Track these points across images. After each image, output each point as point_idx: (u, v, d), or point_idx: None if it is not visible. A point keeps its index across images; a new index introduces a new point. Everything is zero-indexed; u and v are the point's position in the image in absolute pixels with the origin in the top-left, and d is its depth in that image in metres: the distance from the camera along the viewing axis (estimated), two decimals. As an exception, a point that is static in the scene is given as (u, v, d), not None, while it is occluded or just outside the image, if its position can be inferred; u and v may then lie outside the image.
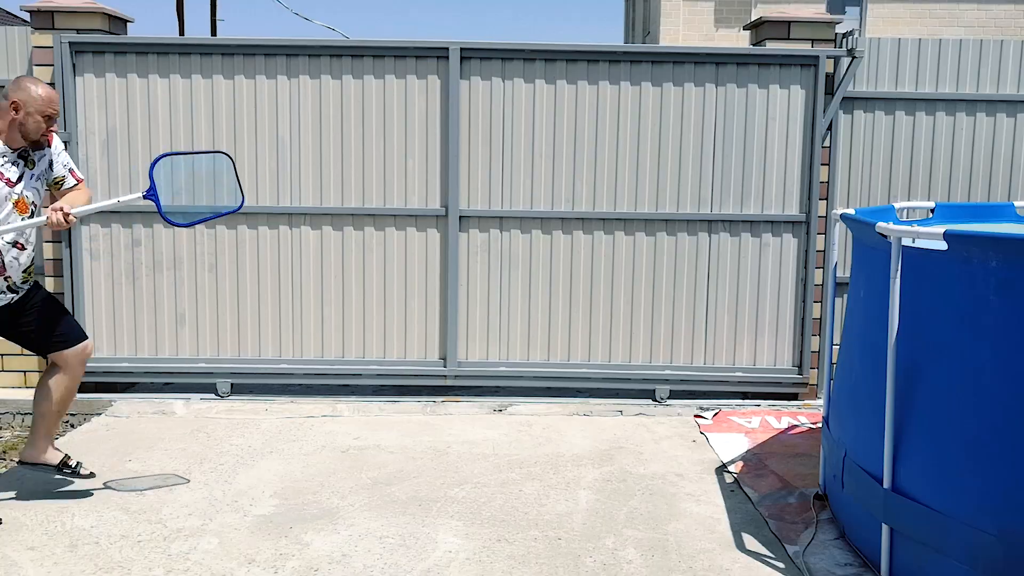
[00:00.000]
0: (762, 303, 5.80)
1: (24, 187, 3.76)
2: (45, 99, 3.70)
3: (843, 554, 3.65)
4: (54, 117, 3.74)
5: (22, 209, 3.75)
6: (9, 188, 3.70)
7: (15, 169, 3.74)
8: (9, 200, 3.70)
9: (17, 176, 3.74)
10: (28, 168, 3.79)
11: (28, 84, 3.71)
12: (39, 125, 3.71)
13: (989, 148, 5.83)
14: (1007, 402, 2.94)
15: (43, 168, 3.87)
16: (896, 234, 3.23)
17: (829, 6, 15.59)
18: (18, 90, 3.69)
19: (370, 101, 5.65)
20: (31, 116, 3.68)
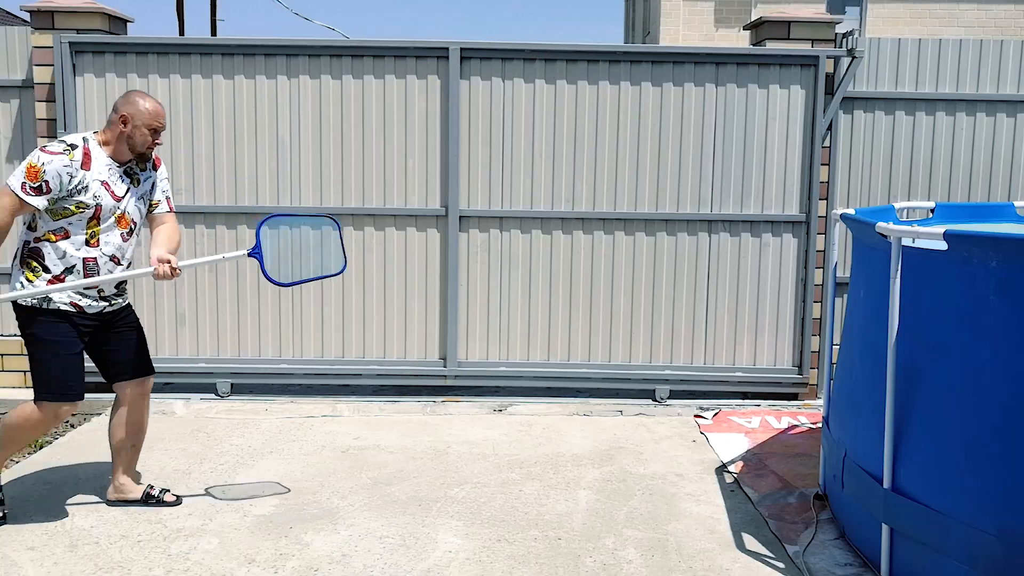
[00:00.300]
0: (762, 303, 5.80)
1: (127, 204, 3.77)
2: (152, 112, 3.71)
3: (843, 554, 3.65)
4: (160, 130, 3.77)
5: (123, 224, 3.76)
6: (115, 202, 3.72)
7: (122, 185, 3.76)
8: (113, 214, 3.72)
9: (123, 192, 3.76)
10: (133, 185, 3.81)
11: (136, 97, 3.72)
12: (145, 138, 3.73)
13: (989, 148, 5.84)
14: (1007, 402, 2.94)
15: (146, 189, 3.89)
16: (896, 234, 3.23)
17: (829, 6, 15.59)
18: (127, 103, 3.71)
19: (370, 101, 5.65)
20: (138, 129, 3.70)
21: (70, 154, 3.63)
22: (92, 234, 3.69)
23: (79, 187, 3.62)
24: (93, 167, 3.67)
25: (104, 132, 3.76)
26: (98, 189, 3.66)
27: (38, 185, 3.57)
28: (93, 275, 3.71)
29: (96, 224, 3.69)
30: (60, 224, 3.66)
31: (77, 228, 3.67)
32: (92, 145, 3.71)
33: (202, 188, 5.68)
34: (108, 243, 3.74)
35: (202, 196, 5.68)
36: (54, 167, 3.58)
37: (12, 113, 5.71)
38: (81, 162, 3.64)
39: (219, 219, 5.71)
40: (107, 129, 3.75)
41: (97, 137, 3.75)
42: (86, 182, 3.64)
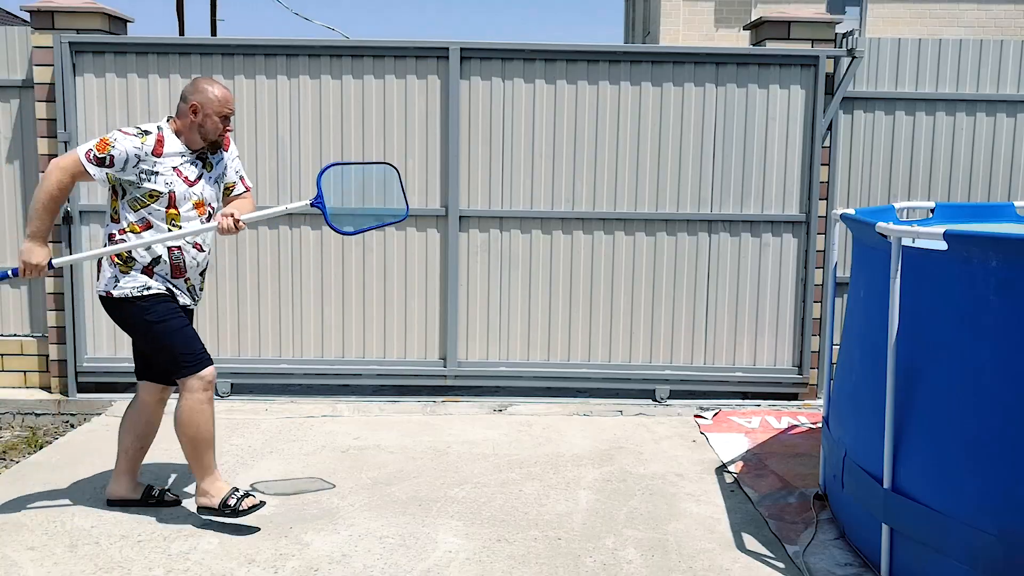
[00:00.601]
0: (762, 303, 5.80)
1: (202, 188, 3.77)
2: (221, 100, 3.70)
3: (843, 554, 3.65)
4: (230, 117, 3.76)
5: (200, 210, 3.76)
6: (188, 187, 3.72)
7: (194, 170, 3.75)
8: (189, 200, 3.72)
9: (196, 176, 3.76)
10: (206, 170, 3.81)
11: (205, 85, 3.72)
12: (216, 126, 3.72)
13: (989, 148, 5.84)
14: (1007, 402, 2.94)
15: (219, 172, 3.88)
16: (896, 234, 3.23)
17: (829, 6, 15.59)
18: (196, 92, 3.70)
19: (370, 101, 5.65)
20: (209, 117, 3.70)
21: (143, 138, 3.64)
22: (172, 221, 3.69)
23: (148, 173, 3.62)
24: (165, 154, 3.66)
25: (175, 121, 3.75)
26: (170, 176, 3.66)
27: (103, 157, 3.59)
28: (178, 265, 3.73)
29: (175, 212, 3.68)
30: (141, 215, 3.67)
31: (157, 218, 3.68)
32: (166, 133, 3.71)
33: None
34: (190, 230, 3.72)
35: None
36: (124, 145, 3.60)
37: (12, 113, 5.71)
38: (152, 148, 3.64)
39: (219, 219, 5.70)
40: (178, 118, 3.74)
41: (171, 125, 3.75)
42: (156, 169, 3.64)
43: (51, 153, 5.58)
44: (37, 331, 5.87)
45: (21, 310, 5.86)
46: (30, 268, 3.62)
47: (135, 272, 3.69)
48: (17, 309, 5.86)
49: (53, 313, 5.70)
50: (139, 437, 4.03)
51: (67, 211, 5.57)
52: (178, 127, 3.75)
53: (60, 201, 3.64)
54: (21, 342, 5.87)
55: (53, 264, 3.66)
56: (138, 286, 3.69)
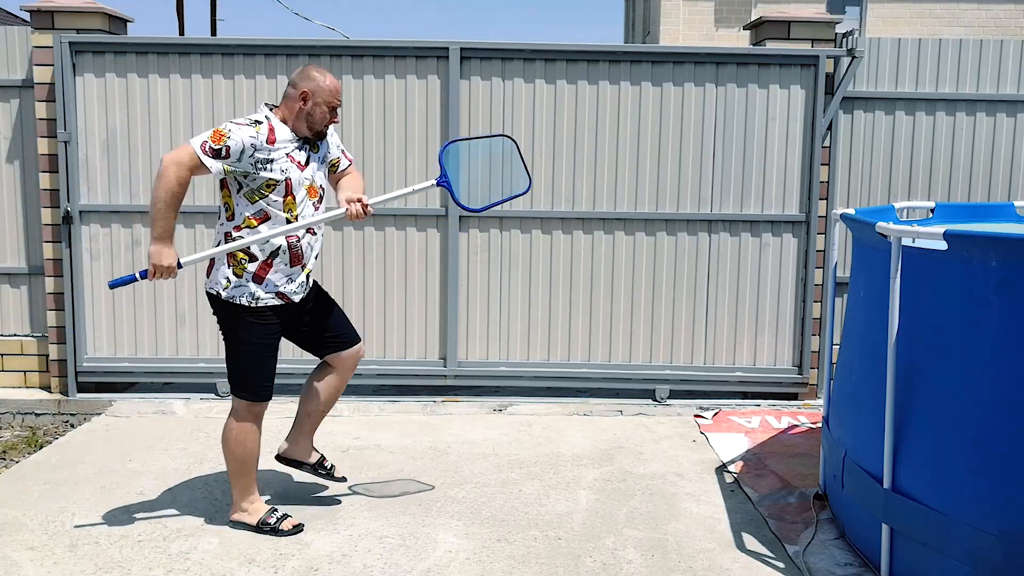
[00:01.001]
0: (762, 303, 5.80)
1: (312, 172, 3.73)
2: (331, 89, 3.65)
3: (843, 554, 3.65)
4: (337, 107, 3.72)
5: (312, 194, 3.71)
6: (301, 172, 3.65)
7: (303, 155, 3.70)
8: (303, 186, 3.66)
9: (305, 161, 3.71)
10: (313, 152, 3.75)
11: (315, 74, 3.66)
12: (325, 115, 3.67)
13: (989, 148, 5.83)
14: (1007, 402, 2.94)
15: (324, 152, 3.82)
16: (896, 234, 3.23)
17: (829, 6, 15.60)
18: (306, 79, 3.65)
19: (370, 101, 5.65)
20: (318, 106, 3.64)
21: (256, 127, 3.57)
22: (288, 209, 3.62)
23: (264, 162, 3.56)
24: (278, 142, 3.61)
25: (281, 108, 3.69)
26: (284, 162, 3.60)
27: (219, 148, 3.51)
28: (297, 252, 3.68)
29: (291, 199, 3.62)
30: (259, 207, 3.60)
31: (275, 208, 3.61)
32: (274, 121, 3.64)
33: (202, 188, 5.67)
34: (305, 216, 3.67)
35: (202, 196, 5.68)
36: (240, 135, 3.52)
37: (12, 113, 5.71)
38: (267, 137, 3.58)
39: (219, 219, 5.70)
40: (284, 105, 3.68)
41: (276, 113, 3.69)
42: (271, 156, 3.57)
43: (51, 153, 5.58)
44: (37, 331, 5.87)
45: (21, 310, 5.86)
46: (160, 270, 3.54)
47: (247, 276, 3.62)
48: (17, 309, 5.86)
49: (53, 313, 5.70)
50: (325, 402, 4.03)
51: (67, 211, 5.57)
52: (284, 115, 3.67)
53: (181, 197, 3.52)
54: (21, 342, 5.87)
55: (182, 264, 3.59)
56: (248, 296, 3.64)
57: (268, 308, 3.68)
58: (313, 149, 3.75)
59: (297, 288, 3.74)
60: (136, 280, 3.56)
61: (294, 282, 3.71)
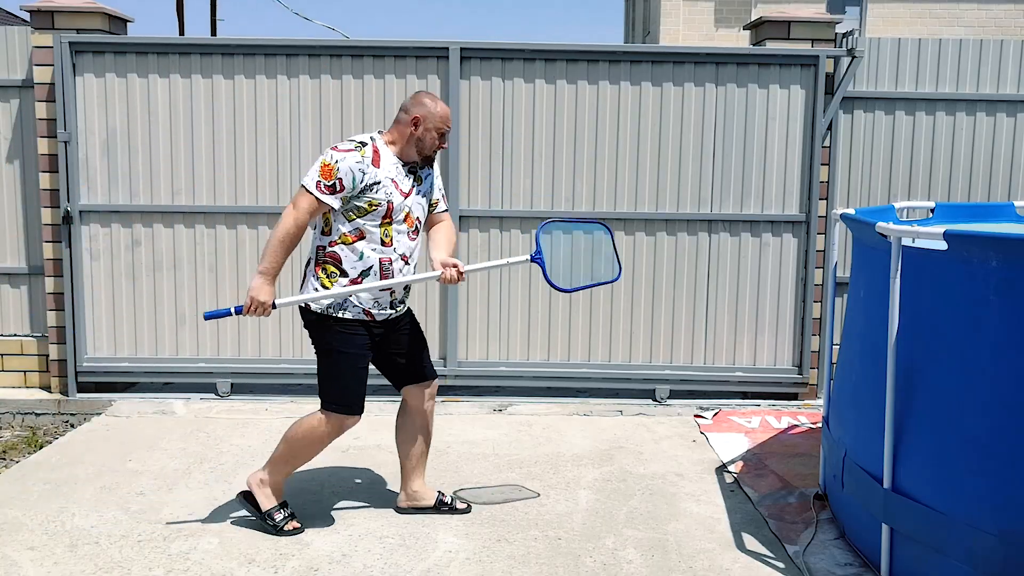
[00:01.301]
0: (762, 303, 5.80)
1: (413, 201, 3.70)
2: (442, 116, 3.66)
3: (843, 554, 3.65)
4: (447, 133, 3.71)
5: (409, 223, 3.69)
6: (403, 199, 3.65)
7: (407, 182, 3.69)
8: (402, 211, 3.65)
9: (409, 189, 3.69)
10: (417, 184, 3.74)
11: (427, 100, 3.67)
12: (434, 141, 3.67)
13: (989, 148, 5.83)
14: (1007, 402, 2.94)
15: (427, 187, 3.81)
16: (896, 234, 3.23)
17: (829, 6, 15.60)
18: (418, 105, 3.64)
19: (370, 101, 5.65)
20: (428, 132, 3.64)
21: (361, 151, 3.59)
22: (386, 233, 3.63)
23: (370, 184, 3.57)
24: (382, 164, 3.62)
25: (391, 132, 3.70)
26: (388, 186, 3.61)
27: (332, 183, 3.54)
28: (388, 276, 3.66)
29: (389, 223, 3.63)
30: (356, 225, 3.60)
31: (372, 228, 3.61)
32: (379, 144, 3.66)
33: (202, 188, 5.68)
34: (400, 243, 3.67)
35: (202, 196, 5.68)
36: (347, 164, 3.54)
37: (12, 113, 5.71)
38: (371, 159, 3.59)
39: (219, 219, 5.71)
40: (394, 129, 3.70)
41: (383, 137, 3.70)
42: (377, 179, 3.58)
43: (51, 153, 5.58)
44: (37, 331, 5.87)
45: (21, 310, 5.86)
46: (256, 305, 3.55)
47: (336, 288, 3.62)
48: (17, 309, 5.86)
49: (53, 313, 5.70)
50: (418, 443, 3.98)
51: (67, 211, 5.57)
52: (392, 138, 3.69)
53: (296, 239, 3.57)
54: (21, 342, 5.87)
55: (276, 304, 3.60)
56: (335, 307, 3.64)
57: (356, 321, 3.67)
58: (417, 181, 3.75)
59: (383, 310, 3.73)
60: (231, 314, 3.59)
61: (380, 304, 3.71)
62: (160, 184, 5.67)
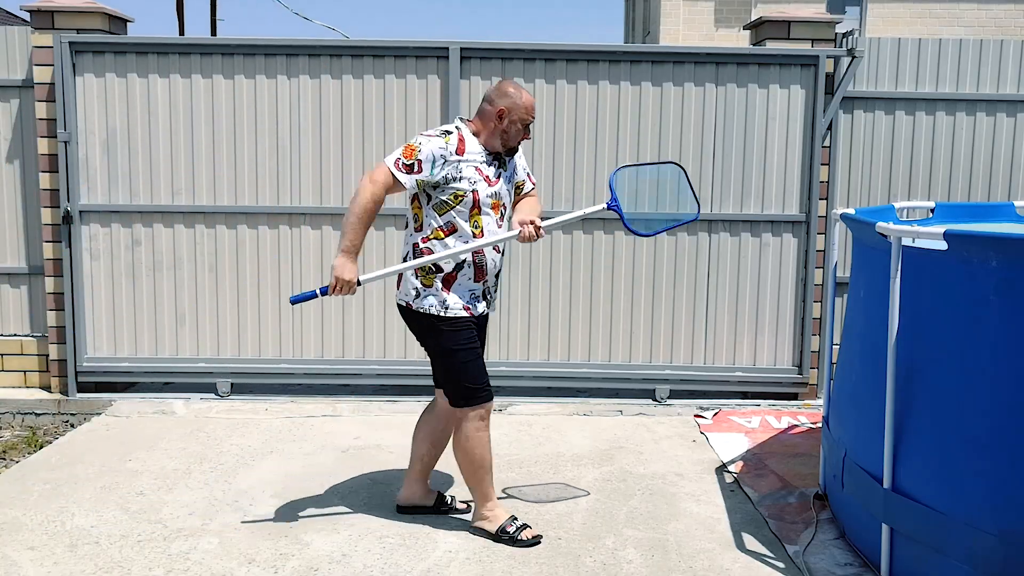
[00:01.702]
0: (762, 303, 5.80)
1: (499, 188, 3.69)
2: (528, 107, 3.62)
3: (843, 554, 3.65)
4: (530, 124, 3.68)
5: (496, 209, 3.68)
6: (489, 187, 3.64)
7: (492, 169, 3.68)
8: (490, 200, 3.64)
9: (495, 176, 3.68)
10: (502, 170, 3.72)
11: (511, 90, 3.63)
12: (519, 133, 3.65)
13: (989, 148, 5.83)
14: (1007, 402, 2.94)
15: (511, 170, 3.79)
16: (896, 234, 3.23)
17: (829, 6, 15.59)
18: (503, 96, 3.61)
19: (370, 101, 5.65)
20: (513, 124, 3.62)
21: (446, 138, 3.58)
22: (475, 224, 3.62)
23: (454, 174, 3.56)
24: (467, 153, 3.60)
25: (475, 122, 3.68)
26: (473, 175, 3.59)
27: (411, 163, 3.53)
28: (481, 267, 3.66)
29: (477, 212, 3.62)
30: (447, 219, 3.60)
31: (462, 220, 3.60)
32: (465, 132, 3.64)
33: (202, 188, 5.68)
34: (490, 232, 3.65)
35: (202, 196, 5.68)
36: (429, 148, 3.54)
37: (12, 113, 5.71)
38: (456, 147, 3.58)
39: (219, 219, 5.71)
40: (478, 119, 3.67)
41: (469, 125, 3.68)
42: (460, 167, 3.57)
43: (51, 153, 5.59)
44: (37, 331, 5.87)
45: (21, 310, 5.86)
46: (342, 284, 3.53)
47: (436, 286, 3.62)
48: (17, 309, 5.86)
49: (53, 313, 5.70)
50: (435, 444, 3.96)
51: (67, 211, 5.57)
52: (477, 128, 3.67)
53: (373, 214, 3.56)
54: (21, 342, 5.87)
55: (361, 281, 3.59)
56: (438, 304, 3.63)
57: (460, 318, 3.66)
58: (503, 167, 3.73)
59: (479, 302, 3.73)
60: (316, 296, 3.57)
61: (477, 297, 3.71)
62: (160, 184, 5.67)
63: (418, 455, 3.97)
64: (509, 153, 3.72)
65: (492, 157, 3.69)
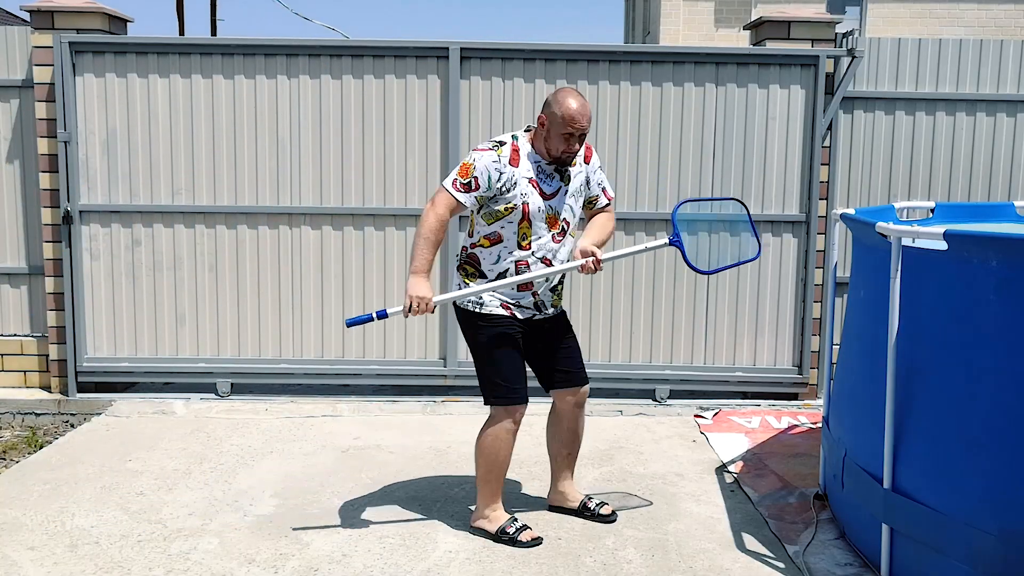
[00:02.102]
0: (762, 303, 5.80)
1: (558, 202, 3.64)
2: (565, 118, 3.49)
3: (843, 554, 3.65)
4: (575, 134, 3.53)
5: (553, 224, 3.63)
6: (544, 200, 3.59)
7: (551, 183, 3.63)
8: (543, 213, 3.60)
9: (553, 190, 3.62)
10: (564, 184, 3.66)
11: (555, 98, 3.54)
12: (558, 145, 3.54)
13: (989, 148, 5.83)
14: (1007, 402, 2.94)
15: (578, 184, 3.71)
16: (896, 234, 3.23)
17: (829, 6, 15.58)
18: (548, 104, 3.55)
19: (370, 101, 5.65)
20: (551, 136, 3.54)
21: (498, 150, 3.57)
22: (523, 236, 3.60)
23: (508, 185, 3.55)
24: (521, 164, 3.58)
25: (535, 130, 3.65)
26: (525, 187, 3.56)
27: (467, 182, 3.54)
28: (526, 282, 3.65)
29: (527, 225, 3.59)
30: (494, 228, 3.60)
31: (509, 231, 3.59)
32: (521, 142, 3.62)
33: (202, 188, 5.68)
34: (540, 246, 3.63)
35: (202, 196, 5.68)
36: (483, 163, 3.54)
37: (12, 113, 5.71)
38: (509, 158, 3.56)
39: (219, 219, 5.71)
40: (536, 127, 3.66)
41: (528, 135, 3.66)
42: (515, 179, 3.55)
43: (51, 153, 5.59)
44: (37, 331, 5.87)
45: (21, 310, 5.86)
46: (418, 301, 3.55)
47: (475, 286, 3.66)
48: (17, 309, 5.86)
49: (53, 313, 5.70)
50: (565, 444, 3.98)
51: (67, 211, 5.57)
52: (533, 138, 3.64)
53: (440, 235, 3.59)
54: (21, 342, 5.87)
55: (435, 301, 3.61)
56: (473, 299, 3.67)
57: (497, 316, 3.66)
58: (564, 181, 3.67)
59: (526, 310, 3.72)
60: (373, 320, 3.61)
61: (523, 304, 3.70)
62: (160, 184, 5.67)
63: (552, 456, 4.03)
64: (559, 163, 3.63)
65: (554, 169, 3.65)
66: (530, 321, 3.76)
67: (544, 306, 3.77)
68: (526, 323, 3.75)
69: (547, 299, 3.77)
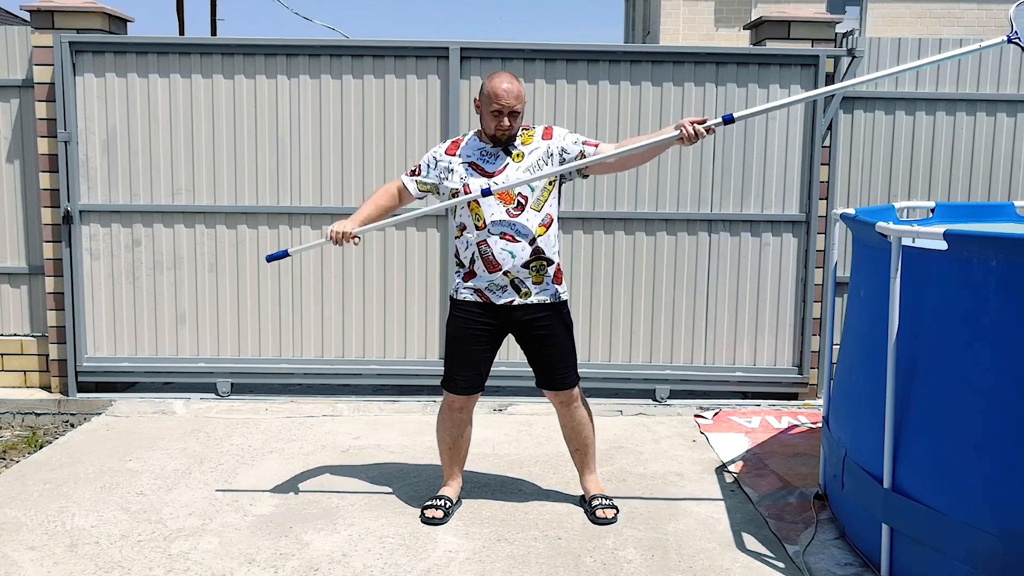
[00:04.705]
0: (762, 303, 5.80)
1: (505, 179, 3.72)
2: (489, 96, 3.66)
3: (843, 554, 3.65)
4: (503, 112, 3.65)
5: (506, 199, 3.72)
6: (488, 179, 3.72)
7: (496, 162, 3.76)
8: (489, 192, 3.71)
9: (497, 168, 3.74)
10: (514, 160, 3.76)
11: (487, 81, 3.72)
12: (490, 123, 3.71)
13: (989, 148, 5.83)
14: (1007, 402, 2.94)
15: (535, 160, 3.76)
16: (896, 234, 3.23)
17: (829, 6, 15.59)
18: (481, 88, 3.74)
19: (370, 101, 5.65)
20: (484, 115, 3.73)
21: (445, 142, 3.88)
22: (477, 216, 3.74)
23: (443, 173, 3.80)
24: (460, 152, 3.80)
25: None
26: (463, 171, 3.75)
27: (414, 168, 3.90)
28: (489, 258, 3.74)
29: (477, 205, 3.72)
30: (459, 219, 3.81)
31: (466, 216, 3.77)
32: (469, 135, 3.86)
33: (202, 188, 5.68)
34: (496, 222, 3.71)
35: (202, 196, 5.68)
36: (427, 154, 3.88)
37: (12, 113, 5.71)
38: (447, 149, 3.83)
39: (219, 219, 5.71)
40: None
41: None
42: (451, 166, 3.78)
43: (51, 153, 5.59)
44: (37, 331, 5.87)
45: (21, 310, 5.86)
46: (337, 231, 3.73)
47: (460, 276, 3.84)
48: (17, 309, 5.86)
49: (53, 313, 5.70)
50: (570, 441, 4.08)
51: (67, 211, 5.57)
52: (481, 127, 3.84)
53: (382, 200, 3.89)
54: (21, 342, 5.87)
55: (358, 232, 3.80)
56: (453, 288, 3.88)
57: (471, 303, 3.81)
58: (515, 158, 3.77)
59: (500, 292, 3.79)
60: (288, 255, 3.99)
61: (496, 285, 3.78)
62: (160, 184, 5.68)
63: (570, 454, 4.14)
64: (496, 143, 3.77)
65: (502, 150, 3.79)
66: (510, 309, 3.79)
67: (523, 284, 3.78)
68: (506, 312, 3.79)
69: (524, 276, 3.78)
